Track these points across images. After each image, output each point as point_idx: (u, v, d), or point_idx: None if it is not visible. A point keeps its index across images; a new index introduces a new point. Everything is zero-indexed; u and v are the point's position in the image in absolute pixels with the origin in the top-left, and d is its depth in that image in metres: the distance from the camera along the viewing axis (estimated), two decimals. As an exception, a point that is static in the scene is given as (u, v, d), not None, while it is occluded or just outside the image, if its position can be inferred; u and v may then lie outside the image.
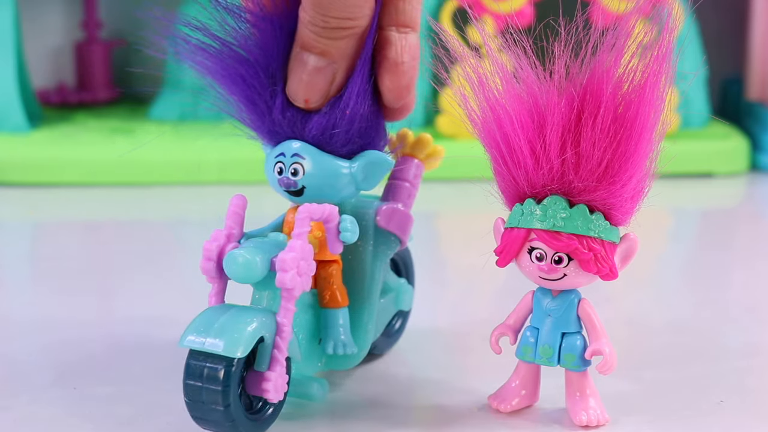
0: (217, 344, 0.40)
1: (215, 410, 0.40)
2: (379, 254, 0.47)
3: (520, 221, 0.42)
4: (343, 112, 0.43)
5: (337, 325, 0.45)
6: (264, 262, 0.41)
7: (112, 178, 0.89)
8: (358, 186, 0.45)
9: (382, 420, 0.44)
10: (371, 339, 0.46)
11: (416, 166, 0.48)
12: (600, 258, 0.42)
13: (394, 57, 0.43)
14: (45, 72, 1.11)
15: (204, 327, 0.40)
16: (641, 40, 0.42)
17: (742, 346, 0.54)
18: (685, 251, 0.75)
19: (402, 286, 0.50)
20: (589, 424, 0.43)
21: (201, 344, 0.40)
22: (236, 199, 0.43)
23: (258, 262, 0.41)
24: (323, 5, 0.41)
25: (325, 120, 0.43)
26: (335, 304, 0.45)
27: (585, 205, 0.42)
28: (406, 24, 0.43)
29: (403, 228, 0.47)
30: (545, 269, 0.42)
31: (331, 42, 0.42)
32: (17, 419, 0.44)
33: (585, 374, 0.44)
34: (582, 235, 0.42)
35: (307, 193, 0.44)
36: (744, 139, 0.94)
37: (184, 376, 0.40)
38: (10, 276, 0.68)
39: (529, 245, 0.42)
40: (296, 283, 0.41)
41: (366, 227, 0.46)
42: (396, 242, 0.47)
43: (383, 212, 0.46)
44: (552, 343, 0.44)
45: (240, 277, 0.41)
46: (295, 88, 0.43)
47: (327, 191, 0.44)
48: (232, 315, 0.41)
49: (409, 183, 0.48)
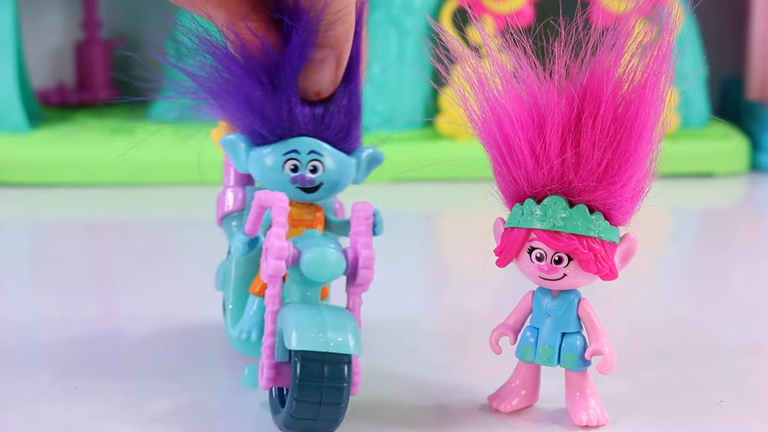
0: (344, 344, 0.39)
1: (335, 409, 0.40)
2: None
3: (520, 221, 0.42)
4: (354, 111, 0.44)
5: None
6: (343, 259, 0.41)
7: (112, 178, 0.89)
8: (356, 182, 0.46)
9: (382, 420, 0.44)
10: None
11: None
12: (600, 258, 0.42)
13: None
14: (45, 72, 1.11)
15: (318, 328, 0.40)
16: (641, 40, 0.42)
17: (742, 346, 0.54)
18: (685, 251, 0.75)
19: None
20: (589, 424, 0.43)
21: (326, 345, 0.39)
22: (281, 194, 0.42)
23: (343, 259, 0.41)
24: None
25: (342, 118, 0.44)
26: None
27: (585, 205, 0.42)
28: None
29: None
30: (545, 269, 0.42)
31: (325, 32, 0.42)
32: (17, 419, 0.44)
33: (585, 374, 0.44)
34: (582, 235, 0.42)
35: (322, 190, 0.45)
36: (744, 139, 0.94)
37: (299, 379, 0.39)
38: (10, 276, 0.68)
39: (529, 245, 0.42)
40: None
41: None
42: None
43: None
44: (552, 343, 0.44)
45: (328, 275, 0.41)
46: (304, 82, 0.43)
47: (339, 187, 0.45)
48: (332, 314, 0.40)
49: None
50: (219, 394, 0.47)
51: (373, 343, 0.50)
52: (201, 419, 0.44)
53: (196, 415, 0.45)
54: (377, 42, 0.91)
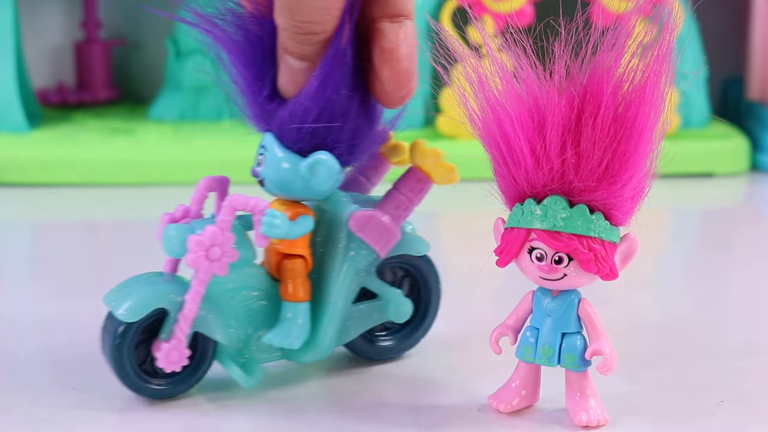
0: (119, 308, 0.44)
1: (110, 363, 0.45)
2: (349, 258, 0.47)
3: (520, 221, 0.42)
4: (302, 110, 0.43)
5: (284, 317, 0.46)
6: (181, 240, 0.44)
7: (112, 178, 0.89)
8: (311, 187, 0.45)
9: (382, 420, 0.44)
10: (330, 340, 0.47)
11: (419, 179, 0.47)
12: (600, 258, 0.42)
13: (388, 46, 0.43)
14: (45, 72, 1.11)
15: (121, 290, 0.45)
16: (641, 40, 0.42)
17: (742, 346, 0.54)
18: (685, 251, 0.75)
19: (393, 297, 0.49)
20: (589, 425, 0.43)
21: (112, 306, 0.45)
22: (203, 180, 0.46)
23: (174, 237, 0.44)
24: (291, 11, 0.41)
25: (286, 114, 0.44)
26: (289, 298, 0.46)
27: (585, 205, 0.42)
28: (398, 13, 0.43)
29: (378, 238, 0.47)
30: (545, 269, 0.42)
31: (306, 47, 0.42)
32: (17, 419, 0.44)
33: (585, 374, 0.44)
34: (582, 235, 0.42)
35: (267, 186, 0.45)
36: (744, 139, 0.94)
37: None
38: (10, 276, 0.68)
39: (530, 245, 0.42)
40: (200, 265, 0.43)
41: (337, 229, 0.47)
42: (374, 250, 0.47)
43: (357, 217, 0.46)
44: (552, 343, 0.44)
45: (163, 248, 0.45)
46: (283, 85, 0.44)
47: (281, 185, 0.45)
48: (142, 285, 0.45)
49: (404, 195, 0.47)
50: (218, 393, 0.47)
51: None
52: (201, 417, 0.44)
53: (196, 413, 0.45)
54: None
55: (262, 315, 0.47)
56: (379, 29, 0.43)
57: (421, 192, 0.48)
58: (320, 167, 0.44)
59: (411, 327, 0.51)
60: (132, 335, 0.44)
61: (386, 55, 0.43)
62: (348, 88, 0.43)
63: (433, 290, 0.51)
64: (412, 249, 0.49)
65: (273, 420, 0.44)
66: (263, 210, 0.44)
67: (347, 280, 0.47)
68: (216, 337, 0.45)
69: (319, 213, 0.47)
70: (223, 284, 0.45)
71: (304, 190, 0.45)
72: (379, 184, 0.50)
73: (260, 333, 0.47)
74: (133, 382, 0.45)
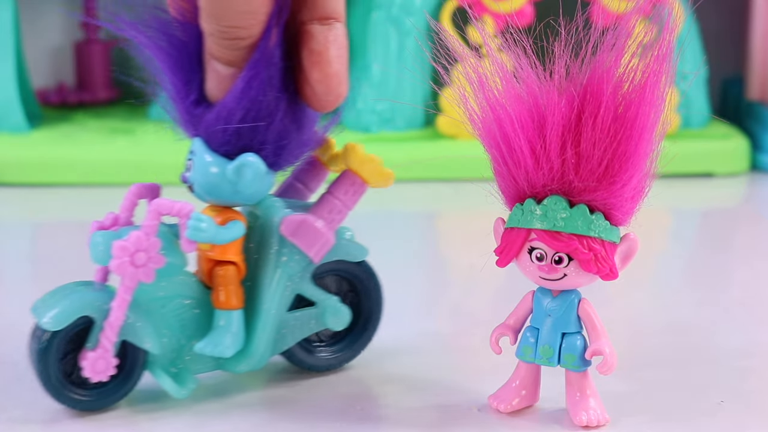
0: (43, 317, 0.43)
1: (36, 372, 0.44)
2: (282, 264, 0.46)
3: (520, 221, 0.42)
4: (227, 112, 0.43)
5: (217, 325, 0.45)
6: (106, 247, 0.43)
7: (112, 178, 0.89)
8: (240, 191, 0.44)
9: (382, 420, 0.44)
10: (264, 348, 0.46)
11: (353, 183, 0.46)
12: (600, 258, 0.42)
13: (317, 48, 0.43)
14: (45, 72, 1.11)
15: (48, 298, 0.44)
16: (642, 39, 0.42)
17: (742, 346, 0.54)
18: (685, 251, 0.75)
19: (329, 304, 0.48)
20: (589, 425, 0.43)
21: (37, 314, 0.44)
22: (133, 187, 0.46)
23: (100, 243, 0.44)
24: (216, 16, 0.41)
25: (212, 117, 0.43)
26: (221, 305, 0.45)
27: (585, 205, 0.42)
28: (328, 15, 0.43)
29: (311, 243, 0.46)
30: (545, 269, 0.42)
31: (232, 52, 0.42)
32: (17, 420, 0.44)
33: (585, 374, 0.44)
34: (582, 235, 0.42)
35: (197, 191, 0.45)
36: (744, 139, 0.94)
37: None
38: (10, 276, 0.68)
39: (529, 245, 0.42)
40: (125, 272, 0.43)
41: (269, 234, 0.46)
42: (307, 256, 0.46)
43: (288, 222, 0.45)
44: (552, 343, 0.44)
45: (90, 256, 0.44)
46: (210, 91, 0.43)
47: (210, 190, 0.44)
48: (68, 293, 0.44)
49: (338, 199, 0.46)
50: (216, 392, 0.47)
51: (373, 343, 0.50)
52: (201, 417, 0.44)
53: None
54: (377, 42, 0.91)
55: (196, 324, 0.45)
56: (308, 32, 0.43)
57: (356, 195, 0.47)
58: (247, 169, 0.43)
59: (352, 336, 0.50)
60: (57, 344, 0.43)
61: (315, 57, 0.43)
62: (275, 89, 0.43)
63: (374, 298, 0.50)
64: (348, 255, 0.48)
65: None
66: (188, 214, 0.43)
67: (280, 286, 0.46)
68: (146, 346, 0.44)
69: (252, 219, 0.46)
70: (153, 292, 0.44)
71: (233, 195, 0.44)
72: (317, 190, 0.48)
73: (194, 342, 0.45)
74: (59, 393, 0.44)
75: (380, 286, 0.50)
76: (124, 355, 0.45)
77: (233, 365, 0.46)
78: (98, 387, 0.45)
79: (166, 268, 0.44)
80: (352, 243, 0.48)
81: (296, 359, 0.49)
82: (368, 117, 0.92)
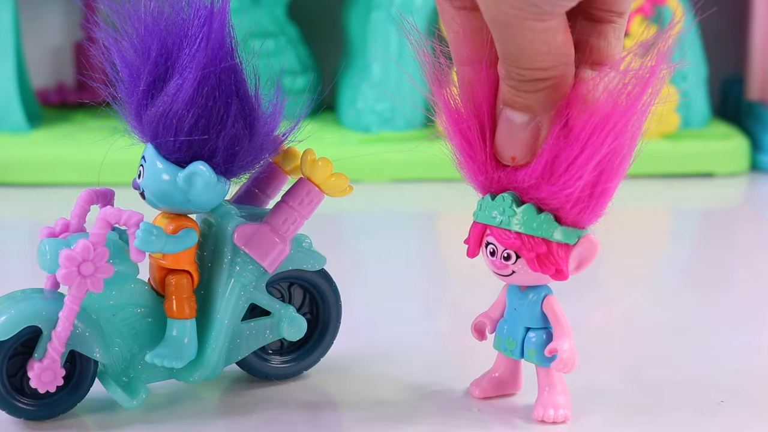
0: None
1: None
2: (235, 273, 0.45)
3: (478, 215, 0.43)
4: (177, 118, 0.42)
5: (169, 335, 0.44)
6: (54, 255, 0.42)
7: (112, 178, 0.89)
8: (191, 199, 0.43)
9: (382, 420, 0.44)
10: (218, 358, 0.45)
11: (309, 192, 0.45)
12: (543, 258, 0.42)
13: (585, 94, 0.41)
14: (45, 72, 1.10)
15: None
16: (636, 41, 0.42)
17: (742, 346, 0.54)
18: (685, 251, 0.75)
19: (284, 313, 0.47)
20: (545, 420, 0.43)
21: None
22: (84, 193, 0.45)
23: (47, 251, 0.43)
24: (514, 59, 0.39)
25: (161, 123, 0.43)
26: (173, 315, 0.44)
27: (533, 204, 0.42)
28: (600, 62, 0.41)
29: (264, 252, 0.45)
30: (497, 264, 0.43)
31: (530, 95, 0.40)
32: (16, 420, 0.44)
33: (551, 370, 0.44)
34: (527, 234, 0.41)
35: (148, 198, 0.44)
36: (744, 139, 0.94)
37: None
38: (10, 276, 0.68)
39: (486, 239, 0.43)
40: (72, 281, 0.42)
41: (223, 243, 0.45)
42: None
43: (242, 231, 0.45)
44: (515, 336, 0.44)
45: (38, 263, 0.43)
46: (502, 145, 0.42)
47: (161, 198, 0.44)
48: (17, 301, 0.43)
49: (293, 208, 0.45)
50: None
51: (373, 344, 0.50)
52: (199, 418, 0.44)
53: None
54: (377, 42, 0.91)
55: (148, 333, 0.45)
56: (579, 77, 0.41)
57: (311, 204, 0.45)
58: (197, 178, 0.43)
59: (310, 345, 0.49)
60: (3, 353, 0.42)
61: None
62: (224, 94, 0.42)
63: (332, 307, 0.49)
64: (305, 263, 0.47)
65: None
66: (137, 223, 0.42)
67: (233, 296, 0.45)
68: (95, 356, 0.43)
69: (207, 226, 0.46)
70: (103, 300, 0.44)
71: (185, 203, 0.43)
72: (275, 196, 0.47)
73: (146, 352, 0.44)
74: (5, 402, 0.43)
75: (338, 294, 0.49)
76: (73, 364, 0.44)
77: (186, 375, 0.45)
78: (46, 396, 0.44)
79: (116, 277, 0.43)
80: (310, 251, 0.47)
81: (251, 368, 0.48)
82: (368, 117, 0.92)
